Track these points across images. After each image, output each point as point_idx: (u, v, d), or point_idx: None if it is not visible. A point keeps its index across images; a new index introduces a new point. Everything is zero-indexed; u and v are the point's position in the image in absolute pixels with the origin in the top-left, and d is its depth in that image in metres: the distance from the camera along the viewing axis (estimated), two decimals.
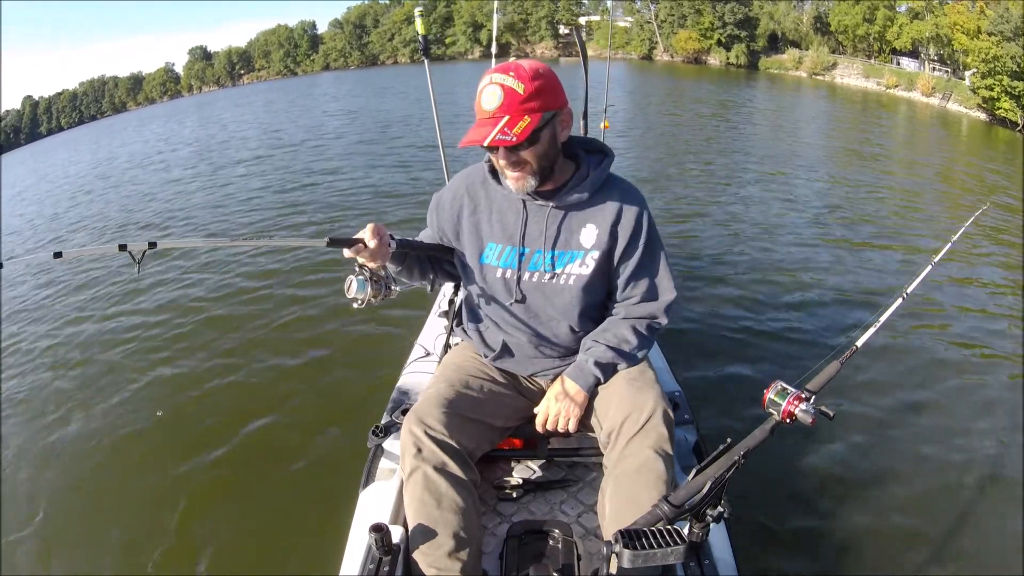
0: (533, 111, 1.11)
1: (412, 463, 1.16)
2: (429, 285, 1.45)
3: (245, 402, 2.85)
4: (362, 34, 55.34)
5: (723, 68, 31.87)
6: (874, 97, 21.41)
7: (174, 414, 2.84)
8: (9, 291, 5.14)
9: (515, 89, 1.10)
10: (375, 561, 1.09)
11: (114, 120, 45.35)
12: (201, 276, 4.61)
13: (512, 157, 1.16)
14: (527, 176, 1.19)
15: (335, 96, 23.51)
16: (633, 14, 39.75)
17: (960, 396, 2.88)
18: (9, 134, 64.87)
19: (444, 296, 2.25)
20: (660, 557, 0.81)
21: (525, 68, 1.12)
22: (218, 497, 2.27)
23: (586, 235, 1.27)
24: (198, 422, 2.73)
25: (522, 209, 1.28)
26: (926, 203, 6.83)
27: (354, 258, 1.19)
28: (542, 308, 1.32)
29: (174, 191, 8.70)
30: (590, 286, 1.29)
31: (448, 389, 1.28)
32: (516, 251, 1.29)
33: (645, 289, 1.31)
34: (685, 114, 14.14)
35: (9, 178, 17.43)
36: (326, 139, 11.85)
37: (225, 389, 2.97)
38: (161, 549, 2.05)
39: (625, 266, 1.29)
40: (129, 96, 69.38)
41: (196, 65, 68.20)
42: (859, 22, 27.37)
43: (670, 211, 5.83)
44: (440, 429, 1.18)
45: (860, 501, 2.17)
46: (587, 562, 1.24)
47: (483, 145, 1.10)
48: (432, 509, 1.13)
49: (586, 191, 1.25)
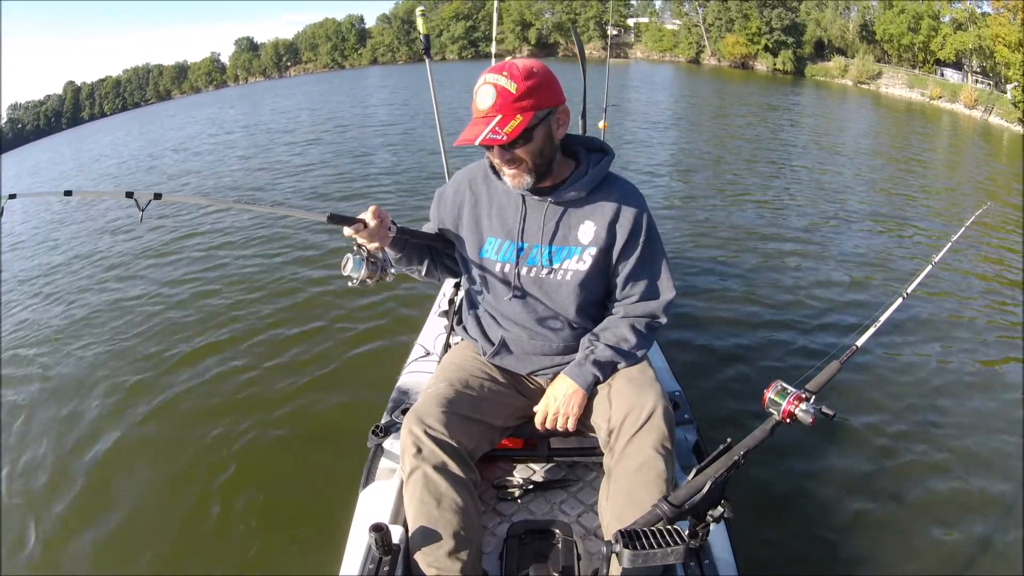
0: (525, 110, 1.12)
1: (412, 463, 1.16)
2: (426, 276, 1.45)
3: (244, 402, 2.85)
4: (410, 29, 55.38)
5: (769, 74, 31.71)
6: (918, 108, 21.06)
7: (170, 413, 2.83)
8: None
9: (508, 88, 1.11)
10: (375, 561, 1.08)
11: (159, 107, 46.03)
12: (200, 271, 4.63)
13: (506, 155, 1.18)
14: (523, 174, 1.21)
15: (392, 88, 24.26)
16: (681, 17, 39.68)
17: (960, 395, 2.88)
18: (50, 118, 65.49)
19: (444, 296, 2.26)
20: (660, 557, 0.81)
21: (519, 67, 1.13)
22: (217, 497, 2.26)
23: (584, 231, 1.27)
24: (196, 422, 2.73)
25: (521, 204, 1.29)
26: (939, 207, 6.75)
27: (354, 238, 1.21)
28: (540, 303, 1.33)
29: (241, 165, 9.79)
30: (587, 282, 1.30)
31: (448, 389, 1.28)
32: (515, 246, 1.30)
33: (644, 288, 1.32)
34: (731, 117, 14.11)
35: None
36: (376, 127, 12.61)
37: (224, 389, 2.97)
38: (159, 549, 2.05)
39: (624, 265, 1.30)
40: (174, 84, 69.73)
41: (243, 56, 68.56)
42: (904, 31, 27.08)
43: (676, 209, 5.83)
44: (440, 429, 1.18)
45: (861, 501, 2.17)
46: (587, 562, 1.24)
47: (475, 144, 1.12)
48: (432, 509, 1.13)
49: (584, 188, 1.26)
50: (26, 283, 5.32)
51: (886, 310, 1.32)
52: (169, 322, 3.83)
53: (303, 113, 17.77)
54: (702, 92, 20.47)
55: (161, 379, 3.14)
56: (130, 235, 6.25)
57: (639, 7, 46.04)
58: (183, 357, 3.33)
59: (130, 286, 4.65)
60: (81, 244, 6.35)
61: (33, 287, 5.15)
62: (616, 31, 44.23)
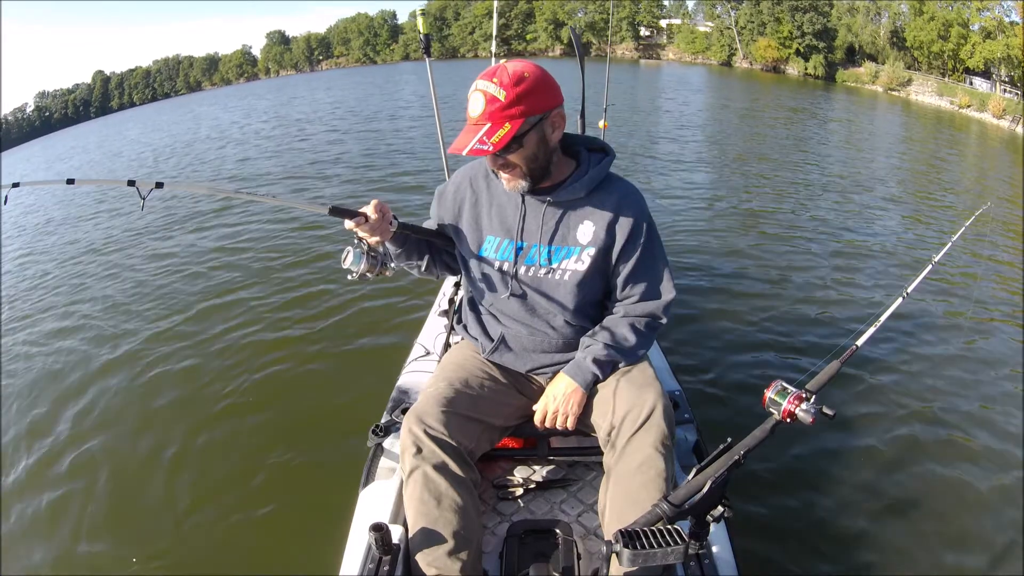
0: (515, 117, 1.11)
1: (412, 462, 1.16)
2: (425, 272, 1.45)
3: (244, 402, 2.84)
4: (443, 26, 55.58)
5: (801, 78, 31.63)
6: (947, 117, 20.91)
7: (170, 412, 2.83)
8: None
9: (496, 96, 1.11)
10: (375, 560, 1.09)
11: (191, 98, 46.51)
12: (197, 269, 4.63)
13: (499, 161, 1.18)
14: (517, 178, 1.21)
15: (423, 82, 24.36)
16: (713, 19, 39.68)
17: (961, 396, 2.88)
18: (78, 106, 66.08)
19: (444, 295, 2.26)
20: (660, 557, 0.81)
21: (509, 73, 1.12)
22: (217, 497, 2.27)
23: (583, 232, 1.27)
24: (195, 421, 2.72)
25: (521, 204, 1.29)
26: (948, 213, 6.66)
27: (354, 231, 1.21)
28: (539, 302, 1.33)
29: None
30: (585, 282, 1.30)
31: (448, 388, 1.28)
32: (514, 245, 1.30)
33: (645, 289, 1.32)
34: (760, 118, 14.11)
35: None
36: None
37: (223, 388, 2.96)
38: (158, 548, 2.05)
39: (624, 265, 1.30)
40: (204, 76, 70.26)
41: (274, 49, 69.00)
42: (934, 38, 26.99)
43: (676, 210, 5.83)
44: (440, 428, 1.18)
45: (861, 501, 2.17)
46: (587, 561, 1.24)
47: (462, 154, 1.12)
48: (432, 508, 1.13)
49: (583, 189, 1.25)
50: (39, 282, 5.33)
51: (887, 310, 1.32)
52: (166, 320, 3.83)
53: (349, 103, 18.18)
54: (733, 95, 20.41)
55: (161, 379, 3.14)
56: (129, 224, 6.31)
57: (672, 8, 46.07)
58: (181, 355, 3.33)
59: (123, 280, 4.65)
60: (75, 233, 6.44)
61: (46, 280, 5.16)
62: (648, 32, 44.66)
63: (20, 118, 65.60)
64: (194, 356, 3.32)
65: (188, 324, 3.75)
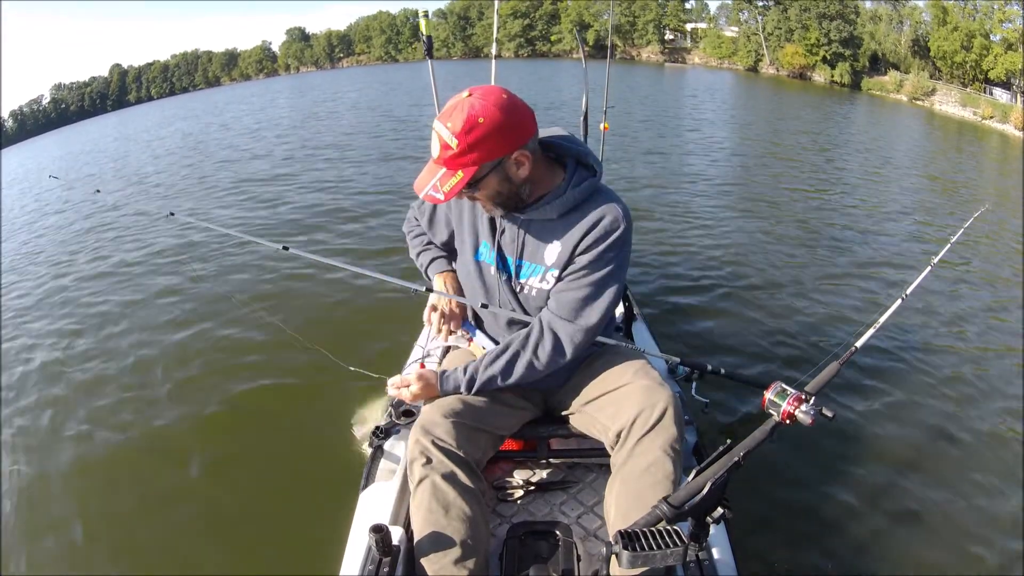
0: (467, 165, 1.10)
1: (421, 472, 1.16)
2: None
3: (242, 402, 2.84)
4: (466, 26, 55.27)
5: (827, 85, 31.48)
6: (970, 127, 20.79)
7: (173, 413, 2.83)
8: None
9: (448, 143, 1.08)
10: (375, 562, 1.09)
11: (210, 93, 46.35)
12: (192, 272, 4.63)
13: (465, 193, 1.18)
14: (489, 206, 1.23)
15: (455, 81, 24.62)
16: (738, 24, 39.54)
17: (960, 396, 2.88)
18: (95, 99, 65.72)
19: None
20: (660, 559, 0.81)
21: (463, 118, 1.06)
22: (217, 497, 2.27)
23: (550, 252, 1.26)
24: (195, 422, 2.73)
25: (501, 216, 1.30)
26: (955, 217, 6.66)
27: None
28: (520, 311, 1.35)
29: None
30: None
31: (454, 399, 1.27)
32: (495, 253, 1.32)
33: (572, 306, 1.24)
34: (776, 126, 14.03)
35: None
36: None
37: (223, 389, 2.96)
38: (159, 549, 2.05)
39: (570, 277, 1.24)
40: (223, 71, 69.89)
41: (294, 46, 68.50)
42: (957, 48, 26.72)
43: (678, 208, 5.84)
44: (448, 440, 1.18)
45: (861, 502, 2.17)
46: (587, 563, 1.24)
47: (419, 196, 1.14)
48: (440, 517, 1.12)
49: (555, 211, 1.22)
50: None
51: (886, 311, 1.32)
52: (167, 322, 3.83)
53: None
54: (758, 102, 20.28)
55: (160, 378, 3.14)
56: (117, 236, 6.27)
57: (695, 11, 45.81)
58: (182, 356, 3.33)
59: (127, 290, 4.65)
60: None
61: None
62: (673, 36, 44.56)
63: (36, 110, 64.92)
64: (195, 357, 3.32)
65: (187, 328, 3.75)
